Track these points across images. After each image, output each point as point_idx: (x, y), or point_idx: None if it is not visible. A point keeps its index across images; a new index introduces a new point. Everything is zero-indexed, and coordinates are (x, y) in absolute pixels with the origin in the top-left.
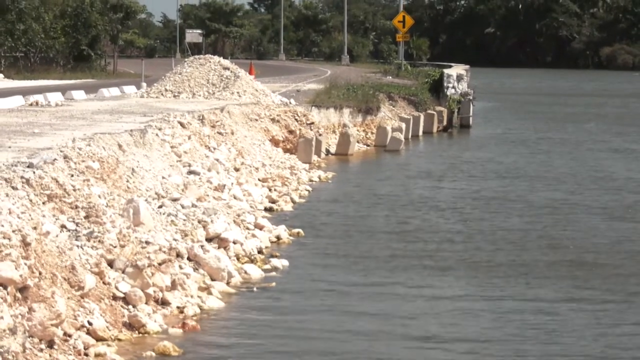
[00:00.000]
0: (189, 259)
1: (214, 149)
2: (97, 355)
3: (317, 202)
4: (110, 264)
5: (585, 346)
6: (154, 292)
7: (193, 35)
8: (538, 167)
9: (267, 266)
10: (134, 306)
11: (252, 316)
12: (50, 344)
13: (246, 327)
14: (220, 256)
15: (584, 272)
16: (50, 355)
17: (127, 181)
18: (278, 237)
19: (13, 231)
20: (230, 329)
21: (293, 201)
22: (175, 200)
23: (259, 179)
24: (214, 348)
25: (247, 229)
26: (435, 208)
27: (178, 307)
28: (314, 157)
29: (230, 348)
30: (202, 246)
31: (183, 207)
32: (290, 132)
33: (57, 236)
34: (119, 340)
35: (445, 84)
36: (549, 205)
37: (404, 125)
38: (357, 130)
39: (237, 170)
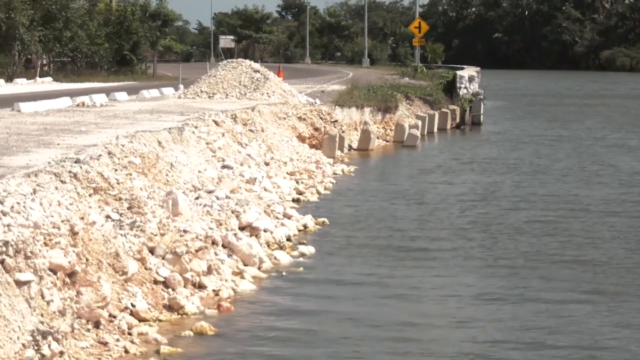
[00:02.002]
0: (223, 246)
1: (246, 145)
2: (139, 334)
3: (341, 194)
4: (152, 251)
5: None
6: (192, 276)
7: (226, 41)
8: (546, 162)
9: (295, 252)
10: (173, 289)
11: (282, 299)
12: (97, 325)
13: (276, 309)
14: (252, 243)
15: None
16: (96, 335)
17: (167, 175)
18: (305, 226)
19: (62, 221)
20: (261, 310)
21: (318, 193)
22: (210, 192)
23: (287, 173)
24: (247, 328)
25: (277, 218)
26: (451, 200)
27: (214, 290)
28: (338, 152)
29: (262, 327)
30: (235, 234)
31: (218, 198)
32: (316, 129)
33: (102, 226)
34: (160, 320)
35: (458, 85)
36: (561, 199)
37: (420, 123)
38: (377, 128)
39: (267, 164)
